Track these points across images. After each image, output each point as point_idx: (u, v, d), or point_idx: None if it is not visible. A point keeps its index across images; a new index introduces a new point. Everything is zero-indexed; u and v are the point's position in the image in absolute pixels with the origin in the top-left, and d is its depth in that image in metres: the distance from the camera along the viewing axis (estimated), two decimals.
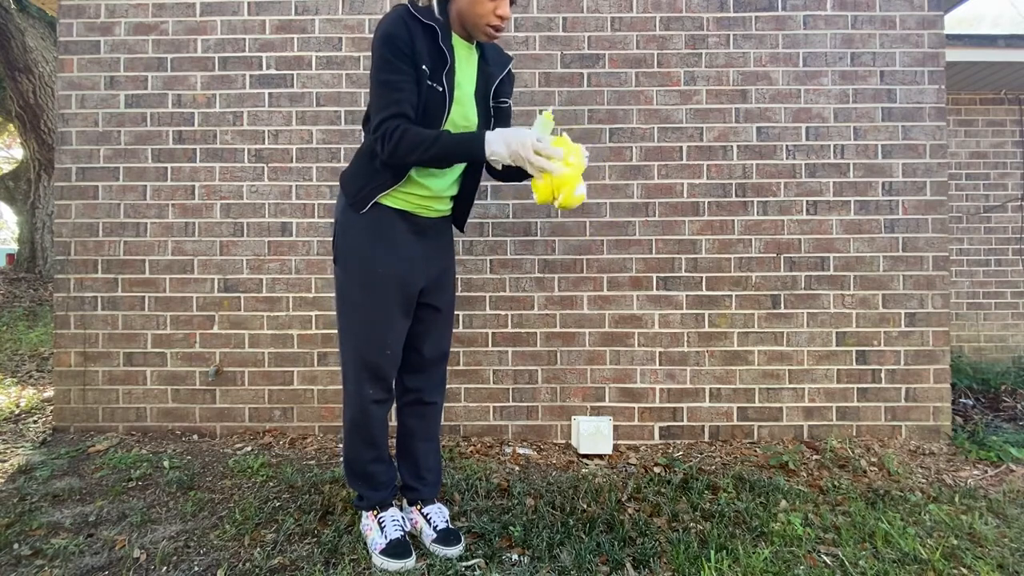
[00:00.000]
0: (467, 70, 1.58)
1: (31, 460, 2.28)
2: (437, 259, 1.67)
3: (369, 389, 1.58)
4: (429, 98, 1.48)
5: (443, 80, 1.49)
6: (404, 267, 1.57)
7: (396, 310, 1.57)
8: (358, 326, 1.57)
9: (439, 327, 1.71)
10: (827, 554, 1.67)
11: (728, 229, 2.64)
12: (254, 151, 2.64)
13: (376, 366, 1.57)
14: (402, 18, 1.45)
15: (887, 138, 2.65)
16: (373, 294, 1.55)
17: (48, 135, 6.60)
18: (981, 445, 2.54)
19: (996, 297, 4.46)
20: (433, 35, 1.48)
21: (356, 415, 1.61)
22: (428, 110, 1.49)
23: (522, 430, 2.62)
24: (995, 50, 3.90)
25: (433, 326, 1.69)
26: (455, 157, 1.48)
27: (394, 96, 1.45)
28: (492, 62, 1.63)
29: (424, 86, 1.47)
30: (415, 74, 1.46)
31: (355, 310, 1.57)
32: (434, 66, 1.48)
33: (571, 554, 1.62)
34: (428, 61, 1.46)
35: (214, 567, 1.57)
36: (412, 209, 1.59)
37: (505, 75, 1.66)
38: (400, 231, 1.58)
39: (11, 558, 1.61)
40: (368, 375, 1.57)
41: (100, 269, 2.63)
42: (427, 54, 1.46)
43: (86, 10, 2.64)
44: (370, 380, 1.58)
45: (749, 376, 2.63)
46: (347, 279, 1.58)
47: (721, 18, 2.65)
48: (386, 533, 1.61)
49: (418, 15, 1.46)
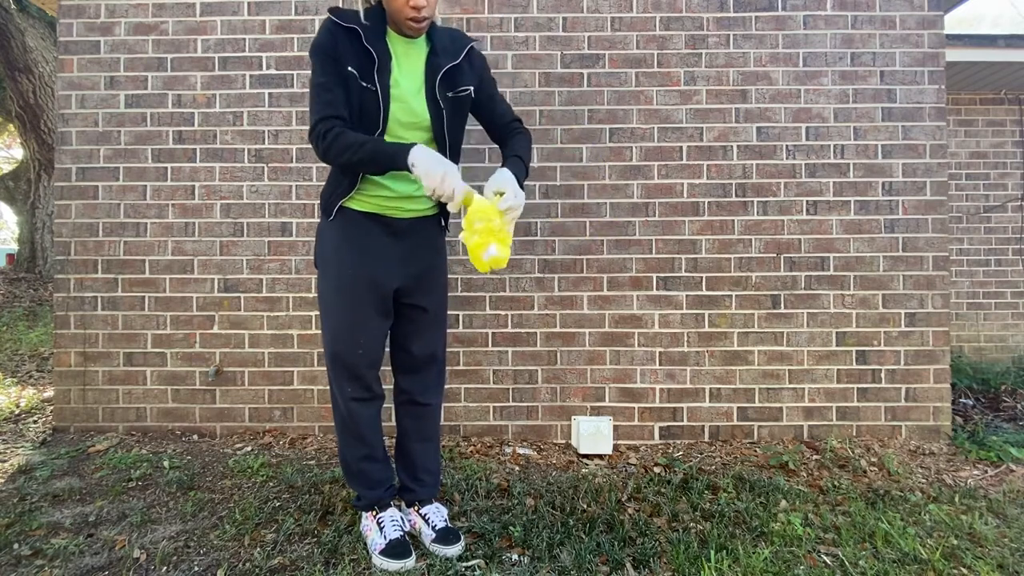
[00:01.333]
0: (409, 66, 1.57)
1: (31, 460, 2.28)
2: (417, 259, 1.66)
3: (348, 387, 1.62)
4: (364, 99, 1.50)
5: (374, 79, 1.50)
6: (374, 268, 1.59)
7: (369, 310, 1.60)
8: (333, 326, 1.61)
9: (428, 327, 1.71)
10: (827, 554, 1.67)
11: (728, 229, 2.64)
12: (254, 151, 2.64)
13: (351, 365, 1.61)
14: (327, 27, 1.50)
15: (887, 138, 2.65)
16: (344, 295, 1.59)
17: (48, 135, 6.60)
18: (981, 445, 2.54)
19: (996, 297, 4.46)
20: (356, 37, 1.50)
21: (341, 414, 1.66)
22: (365, 110, 1.51)
23: (522, 430, 2.62)
24: (995, 50, 3.89)
25: (422, 326, 1.70)
26: (380, 165, 1.47)
27: (326, 97, 1.48)
28: (442, 52, 1.58)
29: (357, 87, 1.49)
30: (343, 80, 1.49)
31: (330, 311, 1.62)
32: (361, 66, 1.49)
33: (571, 554, 1.62)
34: (355, 62, 1.49)
35: (214, 567, 1.57)
36: (383, 211, 1.60)
37: (461, 62, 1.58)
38: (371, 234, 1.60)
39: (11, 558, 1.61)
40: (345, 374, 1.61)
41: (100, 269, 2.63)
42: (353, 55, 1.49)
43: (86, 10, 2.64)
44: (347, 379, 1.62)
45: (749, 376, 2.63)
46: (323, 282, 1.64)
47: (721, 18, 2.65)
48: (385, 533, 1.61)
49: (340, 21, 1.50)
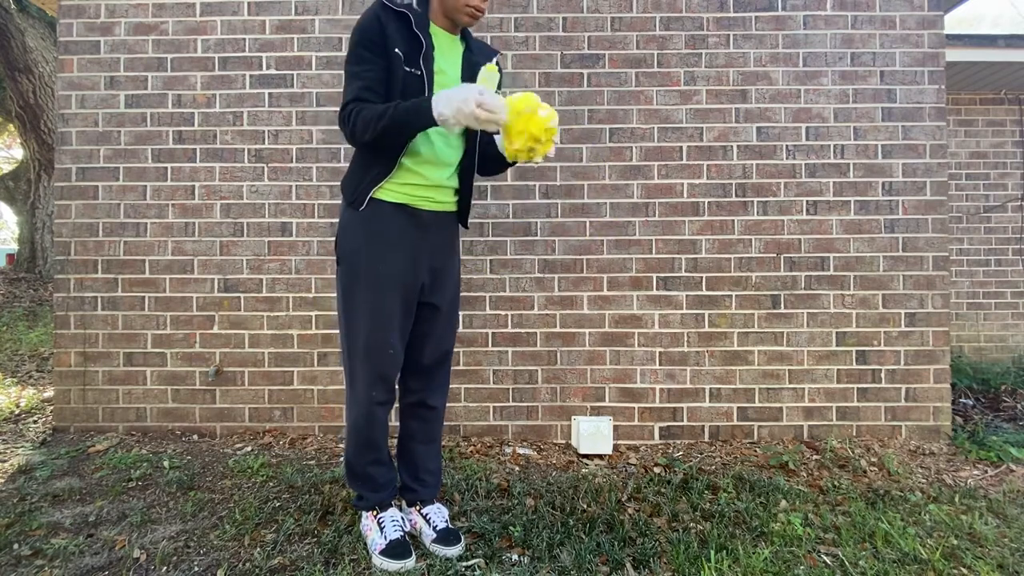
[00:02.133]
0: (451, 58, 1.60)
1: (31, 460, 2.28)
2: (439, 255, 1.66)
3: (373, 391, 1.57)
4: (407, 83, 1.50)
5: (420, 64, 1.51)
6: (405, 265, 1.57)
7: (398, 309, 1.57)
8: (361, 326, 1.56)
9: (440, 326, 1.69)
10: (827, 554, 1.67)
11: (728, 229, 2.64)
12: (254, 151, 2.64)
13: (380, 366, 1.57)
14: (375, 12, 1.51)
15: (887, 138, 2.65)
16: (375, 293, 1.55)
17: (48, 135, 6.60)
18: (981, 445, 2.54)
19: (996, 297, 4.45)
20: (407, 22, 1.51)
21: (359, 418, 1.60)
22: (407, 95, 1.50)
23: (522, 430, 2.62)
24: (995, 50, 3.89)
25: (436, 325, 1.68)
26: (406, 126, 1.44)
27: (357, 83, 1.48)
28: (477, 51, 1.66)
29: (401, 72, 1.49)
30: (386, 63, 1.49)
31: (359, 308, 1.56)
32: (409, 51, 1.50)
33: (571, 554, 1.62)
34: (403, 46, 1.49)
35: (214, 567, 1.57)
36: (412, 202, 1.58)
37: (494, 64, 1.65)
38: (400, 227, 1.57)
39: (11, 558, 1.61)
40: (373, 376, 1.56)
41: (100, 269, 2.63)
42: (401, 39, 1.50)
43: (86, 10, 2.64)
44: (375, 381, 1.57)
45: (749, 376, 2.63)
46: (349, 279, 1.58)
47: (721, 18, 2.65)
48: (386, 533, 1.60)
49: (391, 5, 1.51)
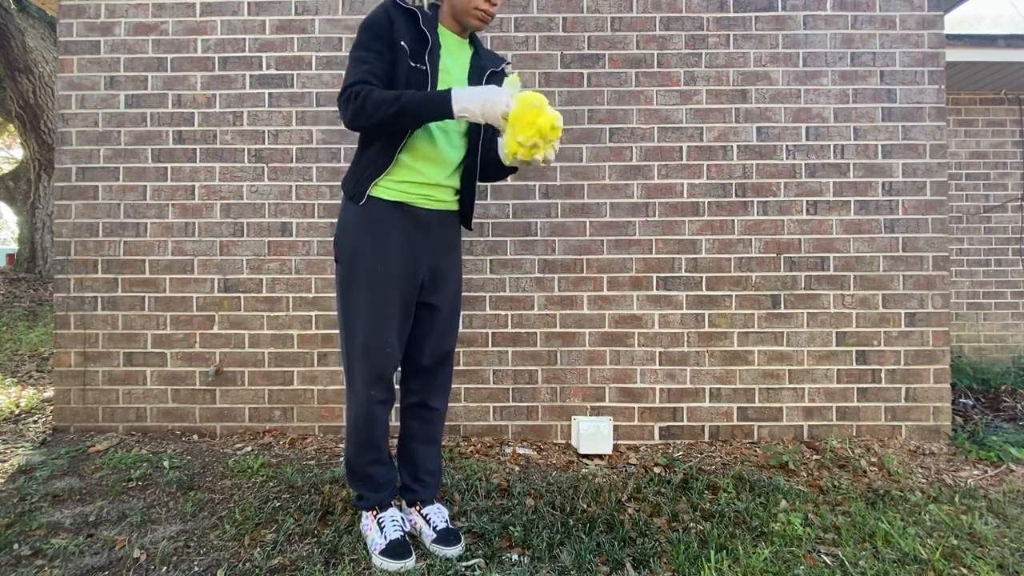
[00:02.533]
0: (458, 59, 1.62)
1: (31, 460, 2.28)
2: (439, 255, 1.66)
3: (372, 390, 1.57)
4: (412, 78, 1.51)
5: (425, 60, 1.52)
6: (404, 265, 1.57)
7: (396, 308, 1.57)
8: (359, 325, 1.56)
9: (440, 326, 1.69)
10: (827, 554, 1.67)
11: (728, 229, 2.64)
12: (254, 151, 2.64)
13: (378, 365, 1.57)
14: (385, 7, 1.55)
15: (887, 138, 2.65)
16: (373, 293, 1.55)
17: (48, 135, 6.60)
18: (981, 445, 2.54)
19: (996, 297, 4.45)
20: (414, 19, 1.54)
21: (359, 417, 1.60)
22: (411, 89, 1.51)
23: (522, 430, 2.62)
24: (995, 50, 3.89)
25: (435, 326, 1.68)
26: (420, 114, 1.46)
27: (363, 67, 1.49)
28: (485, 56, 1.68)
29: (406, 66, 1.51)
30: (392, 56, 1.51)
31: (357, 307, 1.56)
32: (415, 46, 1.52)
33: (571, 554, 1.62)
34: (410, 41, 1.51)
35: (214, 567, 1.57)
36: (410, 200, 1.58)
37: (501, 70, 1.68)
38: (399, 226, 1.57)
39: (11, 558, 1.61)
40: (372, 376, 1.57)
41: (100, 269, 2.63)
42: (408, 35, 1.52)
43: (86, 10, 2.64)
44: (374, 380, 1.57)
45: (749, 376, 2.63)
46: (348, 277, 1.58)
47: (721, 18, 2.64)
48: (386, 533, 1.60)
49: (401, 3, 1.54)
